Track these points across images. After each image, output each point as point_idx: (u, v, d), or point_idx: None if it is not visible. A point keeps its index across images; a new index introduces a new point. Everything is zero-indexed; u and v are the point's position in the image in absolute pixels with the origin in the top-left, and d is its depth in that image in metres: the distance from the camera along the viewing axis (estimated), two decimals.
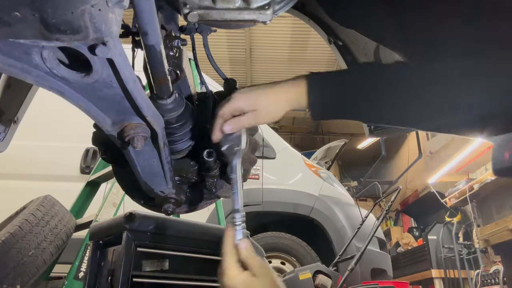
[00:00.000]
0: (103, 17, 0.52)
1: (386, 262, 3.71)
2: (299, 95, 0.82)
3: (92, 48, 0.56)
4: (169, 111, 0.88)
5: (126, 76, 0.64)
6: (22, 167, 3.33)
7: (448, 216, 6.33)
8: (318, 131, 10.68)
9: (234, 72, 7.90)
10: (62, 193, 2.41)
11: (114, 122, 0.75)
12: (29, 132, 2.88)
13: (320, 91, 0.81)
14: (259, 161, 3.63)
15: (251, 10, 0.96)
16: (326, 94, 0.81)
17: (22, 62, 0.59)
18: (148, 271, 1.59)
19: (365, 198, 9.01)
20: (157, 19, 0.64)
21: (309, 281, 2.60)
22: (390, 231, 8.48)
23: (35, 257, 1.81)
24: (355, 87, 0.80)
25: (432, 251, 5.95)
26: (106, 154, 0.97)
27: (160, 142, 0.83)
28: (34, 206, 1.98)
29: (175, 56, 0.92)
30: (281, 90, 0.84)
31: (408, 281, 5.76)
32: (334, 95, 0.81)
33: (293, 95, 0.83)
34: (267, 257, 2.78)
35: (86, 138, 1.10)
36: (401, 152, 9.49)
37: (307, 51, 7.35)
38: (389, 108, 0.80)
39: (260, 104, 0.83)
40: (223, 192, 1.00)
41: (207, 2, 0.95)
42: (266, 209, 3.56)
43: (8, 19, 0.50)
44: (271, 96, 0.84)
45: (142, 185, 0.94)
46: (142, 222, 1.61)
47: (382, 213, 3.70)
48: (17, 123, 1.47)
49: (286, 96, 0.83)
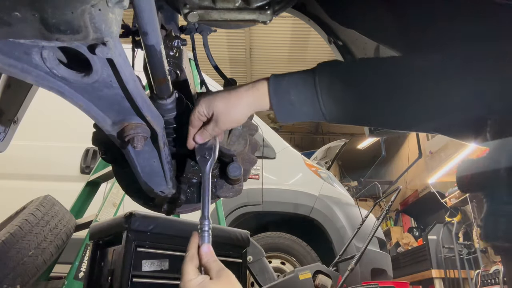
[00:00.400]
0: (103, 17, 0.52)
1: (386, 262, 3.71)
2: (260, 97, 0.80)
3: (92, 48, 0.56)
4: (169, 111, 0.88)
5: (126, 76, 0.64)
6: (22, 167, 3.33)
7: (448, 216, 6.33)
8: (318, 131, 10.68)
9: (234, 72, 7.90)
10: (62, 193, 2.42)
11: (114, 122, 0.75)
12: (29, 132, 2.88)
13: (281, 91, 0.78)
14: (259, 161, 3.63)
15: (251, 10, 0.96)
16: (288, 94, 0.78)
17: (22, 62, 0.59)
18: (148, 271, 1.59)
19: (365, 198, 9.01)
20: (157, 19, 0.64)
21: (309, 281, 2.60)
22: (390, 231, 8.48)
23: (35, 257, 1.81)
24: (318, 84, 0.77)
25: (432, 251, 5.95)
26: (106, 154, 0.97)
27: (160, 142, 0.83)
28: (34, 206, 1.98)
29: (175, 56, 0.92)
30: (241, 93, 0.81)
31: (408, 281, 5.76)
32: (296, 95, 0.78)
33: (254, 98, 0.80)
34: (267, 257, 2.78)
35: (86, 138, 1.10)
36: (401, 152, 9.50)
37: (307, 51, 7.35)
38: (354, 108, 0.78)
39: (218, 109, 0.82)
40: (223, 192, 1.00)
41: (207, 2, 0.95)
42: (266, 209, 3.56)
43: (8, 19, 0.50)
44: (230, 101, 0.81)
45: (142, 185, 0.94)
46: (142, 222, 1.61)
47: (382, 213, 3.69)
48: (17, 123, 1.47)
49: (247, 100, 0.81)
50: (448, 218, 6.27)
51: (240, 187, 1.01)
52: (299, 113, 0.79)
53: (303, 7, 1.26)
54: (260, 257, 2.60)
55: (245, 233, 1.95)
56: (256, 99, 0.80)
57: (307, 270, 2.65)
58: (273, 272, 2.66)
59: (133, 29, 0.96)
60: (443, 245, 5.92)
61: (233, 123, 0.86)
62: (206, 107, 0.83)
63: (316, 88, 0.77)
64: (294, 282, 2.56)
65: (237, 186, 1.00)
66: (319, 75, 0.78)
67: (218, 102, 0.82)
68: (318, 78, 0.78)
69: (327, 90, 0.77)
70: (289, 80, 0.79)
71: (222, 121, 0.83)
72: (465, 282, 5.53)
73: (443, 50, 0.74)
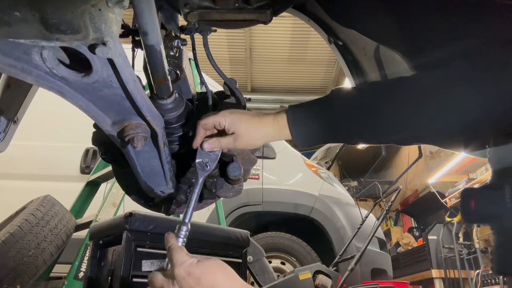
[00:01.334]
0: (103, 17, 0.52)
1: (386, 262, 3.70)
2: (280, 130, 0.85)
3: (92, 48, 0.56)
4: (169, 111, 0.88)
5: (126, 76, 0.64)
6: (22, 167, 3.33)
7: (448, 216, 6.33)
8: None
9: (234, 72, 7.90)
10: (62, 193, 2.41)
11: (114, 122, 0.75)
12: (29, 132, 2.88)
13: (300, 124, 0.84)
14: (259, 161, 3.63)
15: (251, 10, 0.96)
16: (306, 126, 0.84)
17: (22, 62, 0.59)
18: (148, 271, 1.59)
19: (365, 198, 9.00)
20: (157, 19, 0.64)
21: (309, 281, 2.60)
22: (390, 231, 8.47)
23: (35, 257, 1.81)
24: (333, 114, 0.82)
25: (432, 251, 5.94)
26: (106, 154, 0.98)
27: (160, 142, 0.83)
28: (34, 206, 1.98)
29: (175, 56, 0.92)
30: (264, 122, 0.86)
31: (408, 281, 5.76)
32: (312, 125, 0.84)
33: (274, 130, 0.85)
34: (267, 257, 2.78)
35: (86, 138, 1.10)
36: (401, 152, 9.49)
37: (307, 51, 7.35)
38: (370, 131, 0.82)
39: (240, 131, 0.86)
40: (223, 192, 1.00)
41: (207, 2, 0.95)
42: (266, 209, 3.56)
43: (8, 19, 0.50)
44: (253, 126, 0.86)
45: (142, 185, 0.94)
46: (142, 222, 1.61)
47: (382, 213, 3.69)
48: (17, 123, 1.47)
49: (267, 130, 0.86)
50: (448, 218, 6.26)
51: (240, 187, 1.01)
52: (316, 139, 0.85)
53: (303, 7, 1.26)
54: (260, 257, 2.60)
55: (245, 233, 1.95)
56: (277, 131, 0.85)
57: (307, 270, 2.65)
58: (273, 272, 2.66)
59: (133, 29, 0.96)
60: (443, 245, 5.92)
61: (250, 146, 0.90)
62: (229, 123, 0.86)
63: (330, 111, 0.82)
64: (294, 282, 2.56)
65: (237, 186, 1.00)
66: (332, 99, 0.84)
67: (242, 124, 0.86)
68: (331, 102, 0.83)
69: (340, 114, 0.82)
70: (305, 109, 0.85)
71: (240, 142, 0.86)
72: (465, 282, 5.53)
73: (443, 50, 0.74)
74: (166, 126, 0.88)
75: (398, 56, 1.06)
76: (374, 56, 1.27)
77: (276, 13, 1.00)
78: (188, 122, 0.94)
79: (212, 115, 0.87)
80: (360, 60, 1.34)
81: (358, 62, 1.35)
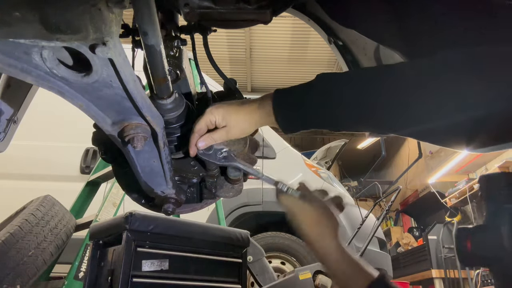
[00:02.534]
0: (103, 17, 0.52)
1: (386, 262, 3.70)
2: (266, 116, 0.85)
3: (92, 48, 0.56)
4: (169, 111, 0.88)
5: (126, 76, 0.64)
6: (22, 167, 3.33)
7: (448, 216, 6.33)
8: (318, 131, 10.67)
9: (234, 72, 7.90)
10: (62, 193, 2.41)
11: (114, 122, 0.75)
12: (29, 132, 2.88)
13: (284, 109, 0.84)
14: (259, 161, 3.62)
15: (251, 10, 0.96)
16: (290, 110, 0.84)
17: (22, 62, 0.59)
18: (148, 271, 1.59)
19: (365, 198, 9.01)
20: (157, 19, 0.64)
21: (309, 281, 2.60)
22: (390, 231, 8.47)
23: (35, 257, 1.81)
24: (320, 96, 0.81)
25: (432, 251, 5.94)
26: (106, 154, 0.98)
27: (160, 142, 0.83)
28: (34, 206, 1.98)
29: (175, 56, 0.92)
30: (251, 109, 0.87)
31: (408, 281, 5.76)
32: (296, 111, 0.84)
33: (261, 117, 0.86)
34: (267, 257, 2.78)
35: (86, 138, 1.10)
36: (401, 152, 9.49)
37: (307, 51, 7.35)
38: (352, 118, 0.80)
39: (231, 121, 0.87)
40: (223, 192, 1.00)
41: (207, 2, 0.95)
42: (266, 209, 3.55)
43: (8, 19, 0.50)
44: (241, 115, 0.88)
45: (142, 185, 0.94)
46: (142, 222, 1.61)
47: (382, 213, 3.69)
48: (17, 123, 1.47)
49: (255, 116, 0.87)
50: (448, 218, 6.26)
51: (240, 187, 1.01)
52: (300, 124, 0.85)
53: (303, 7, 1.26)
54: (260, 257, 2.60)
55: (245, 233, 1.95)
56: (263, 118, 0.86)
57: (307, 270, 2.65)
58: (273, 272, 2.66)
59: (133, 29, 0.96)
60: (443, 245, 5.91)
61: (242, 135, 0.92)
62: (219, 118, 0.87)
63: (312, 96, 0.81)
64: (294, 282, 2.56)
65: (237, 186, 1.00)
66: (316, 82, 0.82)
67: (232, 116, 0.87)
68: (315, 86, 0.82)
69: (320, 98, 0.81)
70: (289, 94, 0.85)
71: (232, 133, 0.88)
72: (465, 282, 5.52)
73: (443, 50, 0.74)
74: (166, 126, 0.88)
75: (398, 56, 1.06)
76: (374, 56, 1.27)
77: (276, 13, 1.00)
78: (188, 122, 0.94)
79: (200, 118, 0.88)
80: (360, 60, 1.34)
81: (358, 62, 1.35)
